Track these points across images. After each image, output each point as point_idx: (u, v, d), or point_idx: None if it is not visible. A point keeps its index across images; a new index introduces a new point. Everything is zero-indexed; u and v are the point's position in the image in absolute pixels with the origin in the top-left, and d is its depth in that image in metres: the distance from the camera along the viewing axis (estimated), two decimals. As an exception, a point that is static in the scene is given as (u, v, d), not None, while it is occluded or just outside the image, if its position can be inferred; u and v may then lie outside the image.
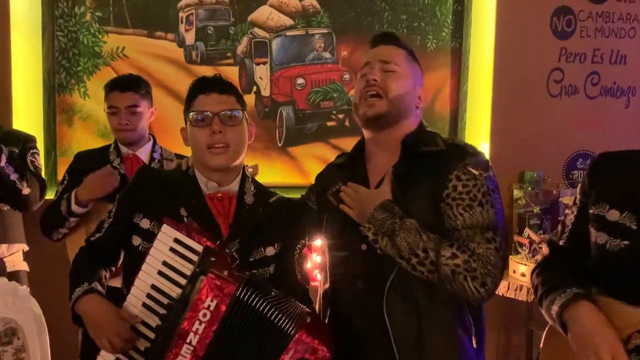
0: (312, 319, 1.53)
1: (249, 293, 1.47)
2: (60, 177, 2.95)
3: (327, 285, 1.75)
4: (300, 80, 3.43)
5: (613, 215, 1.37)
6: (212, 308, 1.46)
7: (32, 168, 2.60)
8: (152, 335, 1.51)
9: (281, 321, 1.47)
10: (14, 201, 2.56)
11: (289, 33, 3.40)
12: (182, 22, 3.32)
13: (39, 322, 1.89)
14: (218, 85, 1.70)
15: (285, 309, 1.50)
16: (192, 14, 3.32)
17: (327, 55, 3.42)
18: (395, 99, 1.65)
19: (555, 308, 1.38)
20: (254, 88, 3.38)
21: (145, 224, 1.65)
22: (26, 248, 2.73)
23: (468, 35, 3.49)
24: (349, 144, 1.98)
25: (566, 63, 3.50)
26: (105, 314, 1.54)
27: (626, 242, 1.34)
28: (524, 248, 3.11)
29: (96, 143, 3.13)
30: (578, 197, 1.50)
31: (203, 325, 1.46)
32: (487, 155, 1.68)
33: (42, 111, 3.23)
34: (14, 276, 2.58)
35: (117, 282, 1.77)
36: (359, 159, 1.76)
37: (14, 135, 2.69)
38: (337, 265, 1.72)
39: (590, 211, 1.42)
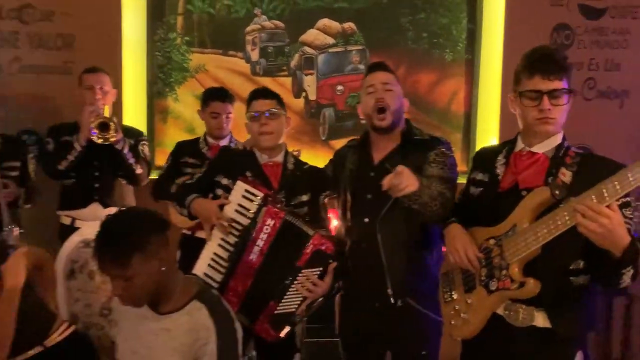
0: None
1: (292, 216, 2.27)
2: (157, 162, 3.78)
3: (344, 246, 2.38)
4: (340, 87, 4.02)
5: (479, 175, 2.05)
6: (270, 225, 2.26)
7: (142, 155, 3.35)
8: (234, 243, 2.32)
9: (306, 228, 2.26)
10: (130, 178, 3.30)
11: (331, 50, 4.01)
12: (248, 44, 3.96)
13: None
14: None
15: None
16: (256, 36, 3.96)
17: (361, 67, 4.00)
18: (395, 112, 2.28)
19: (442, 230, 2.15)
20: (304, 93, 4.05)
21: (224, 181, 2.41)
22: None
23: (479, 49, 4.05)
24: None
25: (565, 71, 3.98)
26: (210, 204, 2.34)
27: (481, 189, 2.02)
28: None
29: (184, 136, 3.78)
30: (469, 171, 2.20)
31: (266, 234, 2.27)
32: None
33: (146, 112, 3.90)
34: None
35: (202, 234, 2.40)
36: (366, 143, 2.41)
37: (130, 130, 3.37)
38: (349, 230, 2.38)
39: (471, 176, 2.12)
